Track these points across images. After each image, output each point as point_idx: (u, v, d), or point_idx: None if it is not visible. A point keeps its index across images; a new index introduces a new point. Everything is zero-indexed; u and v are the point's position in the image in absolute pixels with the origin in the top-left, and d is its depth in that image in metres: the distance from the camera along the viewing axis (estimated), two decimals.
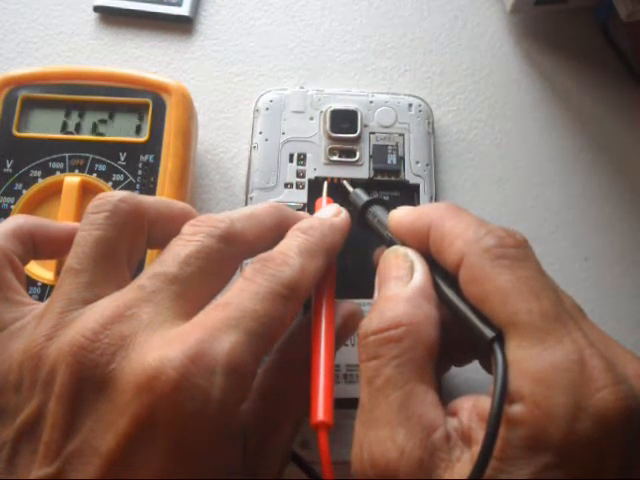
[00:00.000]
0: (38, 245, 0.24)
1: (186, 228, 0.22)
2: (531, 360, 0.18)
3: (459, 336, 0.22)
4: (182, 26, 0.38)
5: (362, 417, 0.20)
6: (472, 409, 0.19)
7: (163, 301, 0.20)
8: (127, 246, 0.22)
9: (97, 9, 0.38)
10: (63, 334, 0.19)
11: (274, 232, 0.24)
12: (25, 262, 0.23)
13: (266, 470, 0.21)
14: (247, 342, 0.19)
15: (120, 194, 0.22)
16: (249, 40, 0.38)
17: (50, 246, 0.24)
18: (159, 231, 0.23)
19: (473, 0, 0.40)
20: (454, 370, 0.26)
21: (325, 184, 0.31)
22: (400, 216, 0.24)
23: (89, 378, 0.18)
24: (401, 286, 0.22)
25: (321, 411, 0.20)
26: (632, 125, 0.38)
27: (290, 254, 0.22)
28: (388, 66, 0.38)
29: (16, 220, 0.23)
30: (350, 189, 0.29)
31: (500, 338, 0.19)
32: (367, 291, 0.30)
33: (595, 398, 0.17)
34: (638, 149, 0.37)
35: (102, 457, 0.17)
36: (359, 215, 0.27)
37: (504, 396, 0.17)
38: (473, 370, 0.25)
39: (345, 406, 0.28)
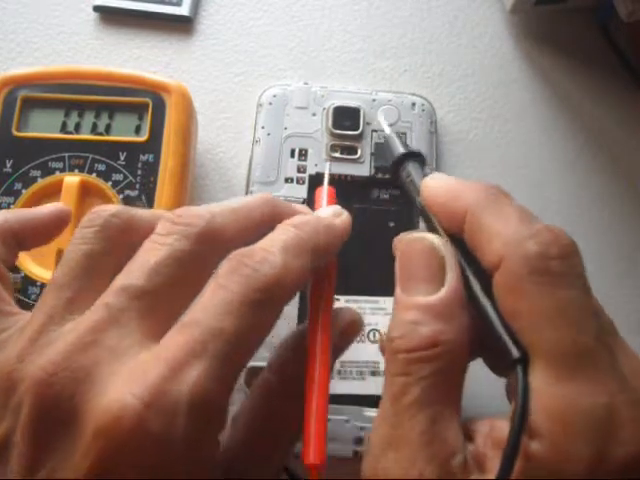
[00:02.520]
0: (23, 238, 0.23)
1: (159, 226, 0.20)
2: (554, 396, 0.16)
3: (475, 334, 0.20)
4: (182, 26, 0.38)
5: (382, 432, 0.18)
6: (488, 434, 0.18)
7: (130, 322, 0.18)
8: (116, 261, 0.20)
9: (97, 9, 0.38)
10: (32, 360, 0.18)
11: (263, 227, 0.21)
12: (11, 262, 0.23)
13: None
14: (213, 369, 0.17)
15: (113, 209, 0.21)
16: (249, 40, 0.38)
17: (35, 235, 0.23)
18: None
19: (473, 0, 0.40)
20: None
21: (327, 165, 0.31)
22: (434, 188, 0.21)
23: (52, 413, 0.17)
24: (432, 292, 0.19)
25: (313, 453, 0.19)
26: (632, 125, 0.38)
27: (273, 250, 0.20)
28: (388, 66, 0.38)
29: None
30: (387, 130, 0.27)
31: (525, 360, 0.17)
32: (367, 289, 0.31)
33: (620, 451, 0.16)
34: (638, 149, 0.37)
35: None
36: (392, 168, 0.25)
37: (523, 427, 0.16)
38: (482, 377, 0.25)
39: (338, 402, 0.29)
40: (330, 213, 0.24)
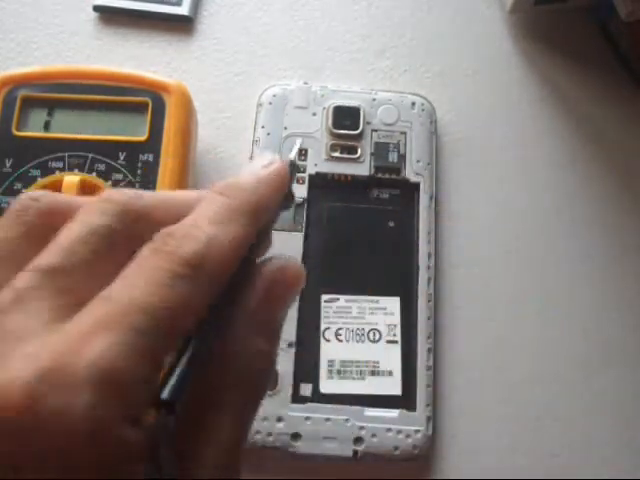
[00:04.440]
0: None
1: (83, 207, 0.19)
2: None
3: None
4: (182, 26, 0.38)
5: None
6: None
7: (40, 302, 0.17)
8: (33, 246, 0.18)
9: (97, 9, 0.38)
10: None
11: (190, 208, 0.20)
12: None
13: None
14: (131, 342, 0.16)
15: (35, 194, 0.19)
16: (249, 40, 0.38)
17: None
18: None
19: (473, 0, 0.40)
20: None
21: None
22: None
23: None
24: None
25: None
26: (631, 125, 0.38)
27: (199, 223, 0.18)
28: (388, 66, 0.38)
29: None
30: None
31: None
32: (367, 289, 0.31)
33: None
34: (638, 149, 0.37)
35: None
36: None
37: None
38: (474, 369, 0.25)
39: (338, 402, 0.29)
40: (258, 167, 0.22)
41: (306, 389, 0.29)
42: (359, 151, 0.33)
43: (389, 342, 0.30)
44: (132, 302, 0.16)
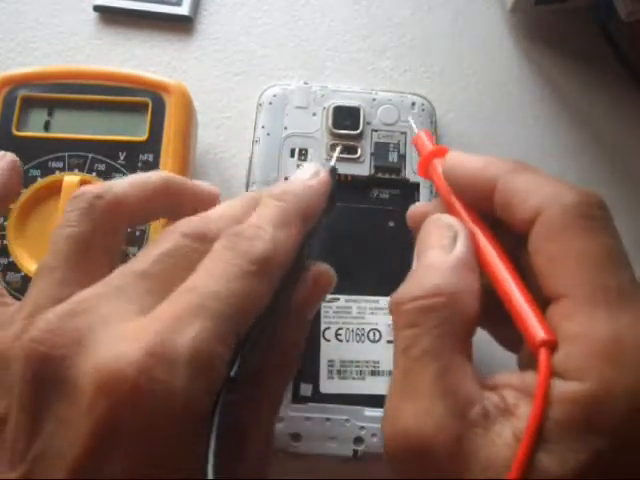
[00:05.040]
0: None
1: (163, 230, 0.22)
2: (601, 336, 0.17)
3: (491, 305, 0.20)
4: (182, 26, 0.38)
5: (397, 387, 0.19)
6: (519, 386, 0.18)
7: (128, 295, 0.19)
8: (105, 242, 0.21)
9: (97, 9, 0.38)
10: (26, 335, 0.18)
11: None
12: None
13: (247, 462, 0.20)
14: (212, 327, 0.18)
15: (96, 190, 0.21)
16: (249, 40, 0.38)
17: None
18: (141, 215, 0.23)
19: (473, 0, 0.40)
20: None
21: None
22: (460, 162, 0.22)
23: (45, 375, 0.17)
24: (442, 255, 0.20)
25: (542, 329, 0.18)
26: (632, 125, 0.38)
27: (262, 225, 0.21)
28: (388, 66, 0.38)
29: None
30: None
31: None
32: (367, 289, 0.31)
33: None
34: (638, 149, 0.37)
35: (68, 462, 0.16)
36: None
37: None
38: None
39: (338, 402, 0.29)
40: (307, 176, 0.25)
41: (306, 389, 0.29)
42: (359, 151, 0.33)
43: (389, 342, 0.29)
44: (211, 293, 0.19)
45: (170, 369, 0.17)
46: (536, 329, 0.18)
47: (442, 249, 0.20)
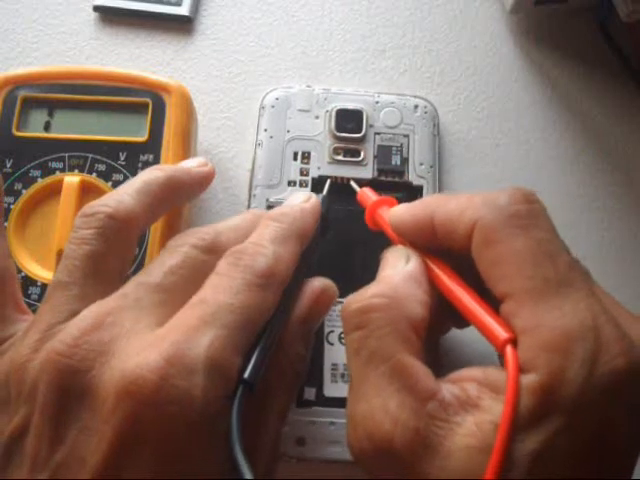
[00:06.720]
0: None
1: (171, 240, 0.23)
2: (546, 328, 0.17)
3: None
4: (182, 26, 0.38)
5: (353, 391, 0.20)
6: (482, 380, 0.19)
7: (145, 308, 0.20)
8: (117, 260, 0.22)
9: (97, 9, 0.38)
10: (46, 347, 0.19)
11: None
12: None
13: (256, 467, 0.21)
14: (226, 336, 0.19)
15: (108, 209, 0.22)
16: (249, 40, 0.38)
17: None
18: (150, 219, 0.25)
19: (473, 0, 0.40)
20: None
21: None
22: (400, 214, 0.24)
23: (70, 386, 0.18)
24: (393, 270, 0.22)
25: (499, 330, 0.19)
26: (632, 125, 0.38)
27: (263, 243, 0.23)
28: (388, 66, 0.38)
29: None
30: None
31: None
32: None
33: (608, 365, 0.17)
34: (638, 149, 0.37)
35: (90, 468, 0.17)
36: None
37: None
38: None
39: (337, 405, 0.29)
40: (301, 200, 0.26)
41: (310, 393, 0.28)
42: (362, 154, 0.33)
43: None
44: (221, 304, 0.20)
45: (188, 376, 0.18)
46: (497, 331, 0.19)
47: (394, 267, 0.22)
